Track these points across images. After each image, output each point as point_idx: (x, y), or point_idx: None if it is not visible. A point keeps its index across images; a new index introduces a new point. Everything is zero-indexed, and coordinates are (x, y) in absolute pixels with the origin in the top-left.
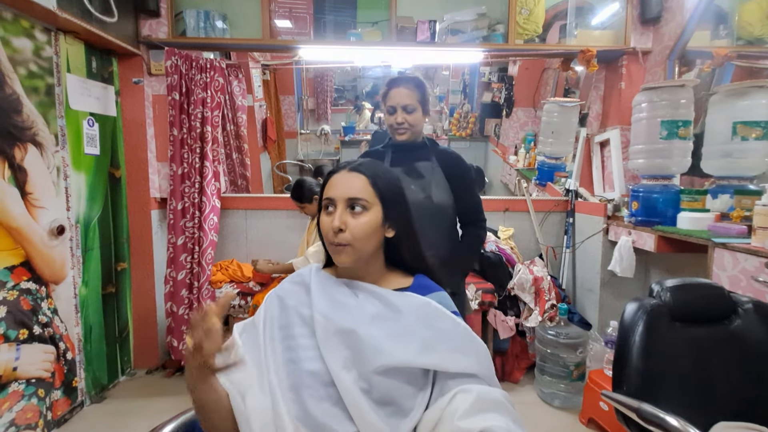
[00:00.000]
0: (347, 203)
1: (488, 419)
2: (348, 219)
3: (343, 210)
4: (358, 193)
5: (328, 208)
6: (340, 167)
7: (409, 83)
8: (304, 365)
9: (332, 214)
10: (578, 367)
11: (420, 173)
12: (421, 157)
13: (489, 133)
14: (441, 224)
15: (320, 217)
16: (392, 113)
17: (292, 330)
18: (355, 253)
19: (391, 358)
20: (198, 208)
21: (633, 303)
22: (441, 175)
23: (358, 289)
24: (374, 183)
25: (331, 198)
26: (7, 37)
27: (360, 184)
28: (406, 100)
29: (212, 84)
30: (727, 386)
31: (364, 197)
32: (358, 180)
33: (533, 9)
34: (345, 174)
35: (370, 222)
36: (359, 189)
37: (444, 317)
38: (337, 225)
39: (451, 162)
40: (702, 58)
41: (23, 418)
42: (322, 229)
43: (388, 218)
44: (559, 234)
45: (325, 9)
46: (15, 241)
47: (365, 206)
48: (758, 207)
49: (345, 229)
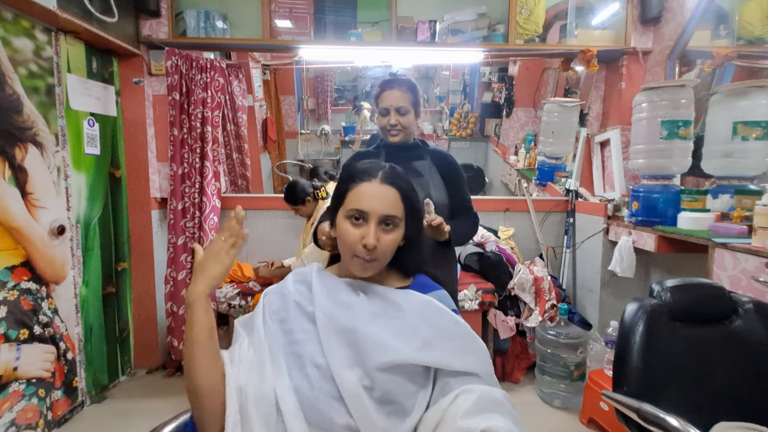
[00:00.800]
0: (381, 219)
1: (490, 419)
2: (380, 235)
3: (376, 226)
4: (393, 210)
5: (357, 219)
6: (367, 173)
7: (402, 85)
8: (308, 359)
9: (361, 227)
10: (578, 367)
11: (419, 172)
12: (416, 156)
13: (489, 133)
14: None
15: (340, 223)
16: (385, 115)
17: (296, 325)
18: (378, 267)
19: (393, 355)
20: (198, 208)
21: (633, 303)
22: (437, 174)
23: (359, 288)
24: (405, 198)
25: (363, 211)
26: (8, 37)
27: (394, 199)
28: (399, 102)
29: (212, 84)
30: (728, 386)
31: (397, 215)
32: (391, 194)
33: (533, 9)
34: (378, 186)
35: (398, 238)
36: (394, 205)
37: (445, 315)
38: (372, 243)
39: (445, 161)
40: (702, 58)
41: (24, 418)
42: (345, 239)
43: (407, 231)
44: (560, 234)
45: (326, 9)
46: (15, 241)
47: (396, 223)
48: (759, 207)
49: (378, 247)
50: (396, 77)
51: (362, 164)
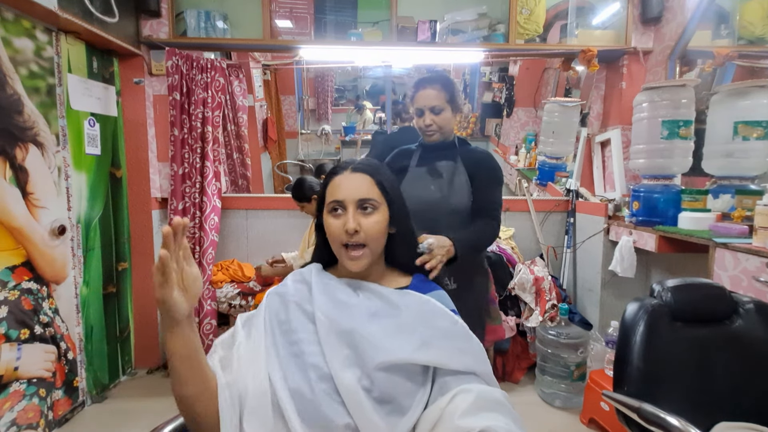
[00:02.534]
0: (357, 204)
1: (489, 419)
2: (361, 220)
3: (354, 211)
4: (368, 194)
5: (336, 210)
6: (340, 168)
7: (435, 83)
8: (308, 359)
9: (341, 216)
10: (579, 367)
11: (439, 173)
12: (445, 156)
13: (490, 133)
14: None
15: (325, 220)
16: (420, 116)
17: (295, 325)
18: (370, 255)
19: (391, 355)
20: (199, 208)
21: (634, 303)
22: (463, 175)
23: (359, 288)
24: (379, 182)
25: (339, 200)
26: (9, 38)
27: (367, 184)
28: (433, 102)
29: (213, 84)
30: (728, 386)
31: (373, 197)
32: (363, 180)
33: (534, 9)
34: (349, 175)
35: (382, 221)
36: (367, 189)
37: (443, 315)
38: (353, 226)
39: (477, 161)
40: (703, 58)
41: (24, 418)
42: (330, 233)
43: (392, 216)
44: (560, 234)
45: (326, 9)
46: (16, 241)
47: (375, 206)
48: (759, 207)
49: (360, 230)
50: (430, 75)
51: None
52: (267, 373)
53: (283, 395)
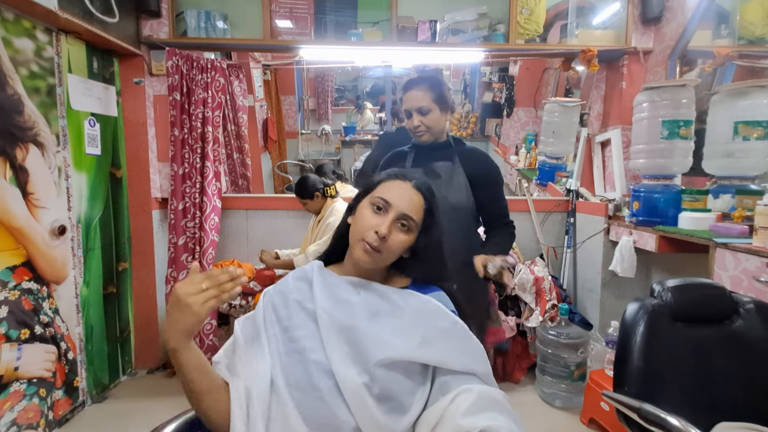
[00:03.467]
0: (399, 216)
1: (489, 418)
2: (393, 231)
3: (393, 221)
4: (414, 214)
5: (378, 207)
6: (404, 174)
7: (421, 84)
8: (309, 356)
9: (379, 215)
10: (579, 367)
11: (437, 174)
12: (442, 157)
13: (490, 133)
14: (457, 226)
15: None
16: (409, 117)
17: (296, 322)
18: (380, 261)
19: (391, 351)
20: (199, 208)
21: (634, 303)
22: (462, 175)
23: (360, 287)
24: (428, 209)
25: (389, 202)
26: (9, 38)
27: (419, 205)
28: (420, 103)
29: (213, 84)
30: (729, 386)
31: (416, 219)
32: (418, 200)
33: (534, 9)
34: (409, 188)
35: (407, 242)
36: (416, 210)
37: (444, 316)
38: (384, 232)
39: (476, 162)
40: (703, 58)
41: (25, 418)
42: (360, 222)
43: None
44: (560, 234)
45: (326, 9)
46: (16, 241)
47: (411, 228)
48: (760, 207)
49: (387, 240)
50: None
51: (402, 168)
52: (269, 372)
53: (284, 393)
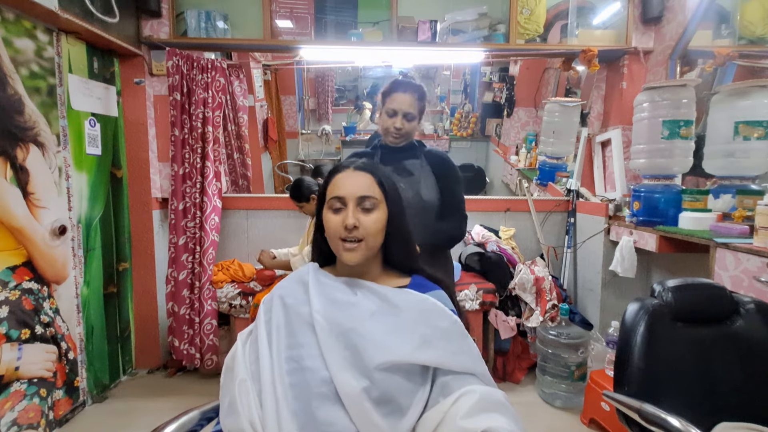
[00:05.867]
0: (357, 201)
1: (490, 419)
2: (360, 216)
3: (354, 208)
4: (368, 191)
5: (337, 207)
6: (342, 166)
7: (414, 91)
8: (306, 363)
9: (341, 211)
10: (579, 367)
11: (409, 171)
12: (410, 156)
13: (490, 133)
14: (429, 222)
15: (324, 216)
16: (392, 116)
17: (293, 328)
18: (367, 250)
19: (390, 354)
20: (199, 208)
21: (634, 303)
22: (430, 173)
23: (356, 287)
24: (380, 182)
25: (340, 197)
26: (9, 38)
27: (368, 182)
28: (409, 108)
29: (213, 84)
30: (729, 387)
31: (373, 195)
32: (365, 178)
33: (534, 9)
34: (351, 173)
35: (381, 219)
36: (368, 187)
37: (442, 314)
38: (352, 222)
39: (440, 162)
40: (704, 58)
41: (25, 418)
42: (329, 228)
43: (390, 215)
44: (561, 234)
45: (326, 9)
46: (17, 241)
47: (375, 204)
48: (760, 207)
49: (359, 226)
50: (410, 80)
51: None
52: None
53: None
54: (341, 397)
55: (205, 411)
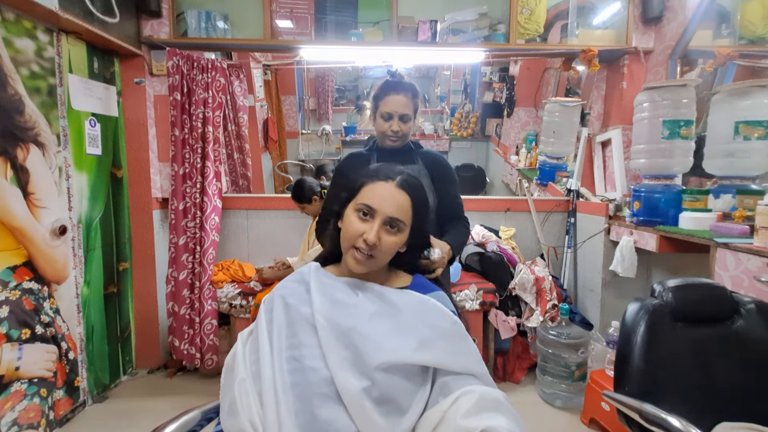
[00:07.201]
0: (386, 220)
1: (490, 419)
2: (382, 235)
3: (380, 225)
4: (400, 215)
5: (364, 213)
6: (385, 174)
7: (408, 92)
8: (307, 362)
9: (367, 222)
10: (580, 367)
11: None
12: (407, 160)
13: (490, 132)
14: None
15: (347, 213)
16: (388, 120)
17: (294, 328)
18: (374, 265)
19: (390, 355)
20: (199, 208)
21: (635, 303)
22: (427, 177)
23: (358, 288)
24: (415, 207)
25: (372, 208)
26: (10, 38)
27: (405, 205)
28: (404, 110)
29: (213, 84)
30: (730, 386)
31: (404, 220)
32: (403, 200)
33: (534, 9)
34: (392, 188)
35: (400, 242)
36: (403, 210)
37: (442, 315)
38: (372, 240)
39: (437, 164)
40: (704, 58)
41: (25, 418)
42: (347, 230)
43: (409, 240)
44: (561, 234)
45: (326, 9)
46: (17, 241)
47: (401, 228)
48: (761, 207)
49: (378, 245)
50: (401, 81)
51: (384, 165)
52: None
53: (282, 399)
54: (342, 396)
55: (206, 411)
